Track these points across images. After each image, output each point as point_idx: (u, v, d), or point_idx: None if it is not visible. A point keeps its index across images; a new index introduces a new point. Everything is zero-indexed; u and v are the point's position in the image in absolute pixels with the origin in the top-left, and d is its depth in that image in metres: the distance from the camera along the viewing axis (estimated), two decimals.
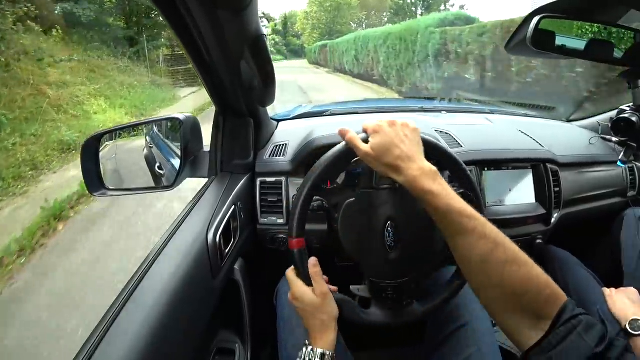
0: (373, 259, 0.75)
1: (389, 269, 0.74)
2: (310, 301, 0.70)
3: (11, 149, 5.14)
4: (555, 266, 1.18)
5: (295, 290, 0.72)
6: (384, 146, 0.64)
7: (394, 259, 0.73)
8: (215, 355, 0.83)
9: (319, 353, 0.67)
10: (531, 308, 0.53)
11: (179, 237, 0.75)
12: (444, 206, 0.59)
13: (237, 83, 0.85)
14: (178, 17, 0.65)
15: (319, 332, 0.69)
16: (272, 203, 1.04)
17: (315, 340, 0.69)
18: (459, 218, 0.58)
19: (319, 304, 0.70)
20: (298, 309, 0.72)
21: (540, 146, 1.23)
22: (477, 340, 0.80)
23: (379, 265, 0.75)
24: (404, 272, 0.75)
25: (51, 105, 6.72)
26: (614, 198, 1.35)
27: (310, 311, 0.70)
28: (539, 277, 0.54)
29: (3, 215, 3.98)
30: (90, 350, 0.50)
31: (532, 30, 0.87)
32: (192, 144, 0.97)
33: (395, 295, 0.75)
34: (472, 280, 0.60)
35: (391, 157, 0.63)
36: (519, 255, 0.55)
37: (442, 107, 1.62)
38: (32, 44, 7.67)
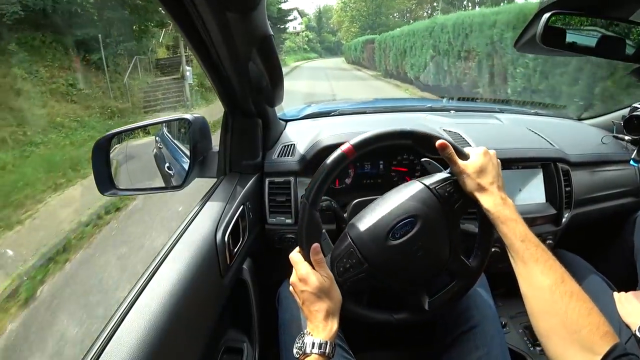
0: (376, 249, 0.71)
1: (390, 259, 0.70)
2: (317, 283, 0.67)
3: None
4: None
5: (302, 271, 0.69)
6: (482, 168, 0.69)
7: (395, 248, 0.70)
8: (223, 353, 0.84)
9: (321, 344, 0.64)
10: (586, 342, 0.54)
11: (188, 236, 0.75)
12: (523, 234, 0.64)
13: (245, 84, 0.86)
14: (186, 19, 0.66)
15: (322, 320, 0.66)
16: (280, 203, 1.05)
17: (317, 330, 0.65)
18: (534, 247, 0.63)
19: (326, 286, 0.67)
20: (301, 294, 0.68)
21: (550, 145, 1.21)
22: (486, 343, 0.80)
23: (381, 254, 0.71)
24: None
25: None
26: (626, 198, 1.33)
27: (316, 295, 0.66)
28: (599, 314, 0.57)
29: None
30: (101, 347, 0.51)
31: (542, 27, 0.86)
32: (200, 144, 0.97)
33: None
34: (534, 308, 0.61)
35: (486, 180, 0.69)
36: (581, 290, 0.59)
37: (451, 106, 1.61)
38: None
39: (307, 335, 0.65)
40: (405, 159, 1.17)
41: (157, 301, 0.59)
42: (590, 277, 1.11)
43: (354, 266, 0.70)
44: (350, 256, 0.70)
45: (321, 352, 0.63)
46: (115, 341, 0.52)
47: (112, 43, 10.09)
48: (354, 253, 0.70)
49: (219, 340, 0.85)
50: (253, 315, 0.91)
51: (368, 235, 0.70)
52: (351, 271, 0.70)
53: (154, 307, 0.58)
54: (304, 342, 0.64)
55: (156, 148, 1.15)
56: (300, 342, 0.65)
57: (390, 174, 1.18)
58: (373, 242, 0.69)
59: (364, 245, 0.70)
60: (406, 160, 1.17)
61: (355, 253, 0.70)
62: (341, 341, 0.85)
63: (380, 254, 0.69)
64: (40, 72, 7.85)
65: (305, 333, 0.66)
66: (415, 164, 1.17)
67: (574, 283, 0.59)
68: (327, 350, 0.63)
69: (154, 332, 0.55)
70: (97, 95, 8.87)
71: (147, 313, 0.57)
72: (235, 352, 0.85)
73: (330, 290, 0.67)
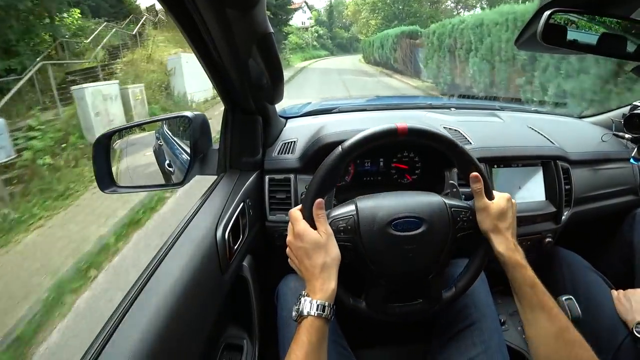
0: (374, 228, 0.71)
1: (382, 244, 0.70)
2: (313, 238, 0.66)
3: None
4: (563, 269, 1.16)
5: (298, 227, 0.68)
6: (503, 211, 0.72)
7: (390, 237, 0.70)
8: (223, 350, 0.84)
9: (318, 305, 0.62)
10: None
11: (189, 233, 0.76)
12: (532, 280, 0.66)
13: (245, 81, 0.86)
14: (186, 16, 0.66)
15: (319, 278, 0.64)
16: (280, 200, 1.05)
17: (314, 290, 0.64)
18: (542, 293, 0.65)
19: (323, 242, 0.66)
20: (297, 252, 0.67)
21: (550, 143, 1.21)
22: (484, 340, 0.80)
23: (375, 235, 0.70)
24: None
25: None
26: (626, 196, 1.33)
27: (312, 251, 0.65)
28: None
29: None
30: (102, 342, 0.51)
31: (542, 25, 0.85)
32: (201, 141, 0.97)
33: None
34: (539, 353, 0.64)
35: (504, 223, 0.71)
36: (583, 339, 0.62)
37: (451, 104, 1.61)
38: None
39: (304, 297, 0.63)
40: (405, 156, 1.17)
41: (157, 298, 0.59)
42: (588, 275, 1.12)
43: (346, 231, 0.70)
44: (348, 221, 0.71)
45: (319, 314, 0.61)
46: (117, 336, 0.52)
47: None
48: (352, 220, 0.71)
49: (219, 337, 0.85)
50: (253, 312, 0.91)
51: (373, 212, 0.71)
52: (341, 235, 0.70)
53: (154, 304, 0.58)
54: (302, 304, 0.63)
55: (157, 145, 1.16)
56: (298, 304, 0.64)
57: (390, 171, 1.18)
58: (374, 221, 0.70)
59: (366, 218, 0.70)
60: (406, 157, 1.17)
61: (354, 220, 0.70)
62: (339, 338, 0.85)
63: (375, 235, 0.70)
64: None
65: (303, 295, 0.64)
66: (416, 162, 1.18)
67: (577, 332, 0.62)
68: (325, 312, 0.62)
69: (155, 328, 0.55)
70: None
71: (148, 309, 0.57)
72: (235, 349, 0.85)
73: (327, 245, 0.66)
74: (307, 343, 0.59)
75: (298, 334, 0.61)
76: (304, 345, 0.59)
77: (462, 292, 0.76)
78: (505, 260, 0.69)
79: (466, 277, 0.76)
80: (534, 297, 0.65)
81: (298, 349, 0.59)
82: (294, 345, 0.60)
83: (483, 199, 0.73)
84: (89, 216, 4.14)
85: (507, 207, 0.73)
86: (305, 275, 0.66)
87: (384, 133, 0.72)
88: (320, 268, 0.65)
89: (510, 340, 1.08)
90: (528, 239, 1.14)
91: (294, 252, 0.68)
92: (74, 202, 4.62)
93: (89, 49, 10.55)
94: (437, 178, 1.11)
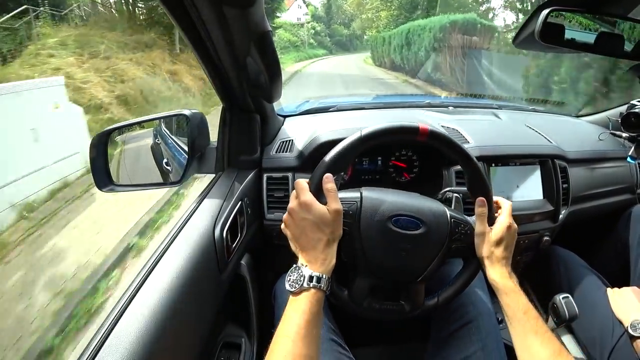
0: (374, 220, 0.71)
1: (377, 236, 0.70)
2: (321, 212, 0.63)
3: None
4: (559, 267, 1.17)
5: (305, 198, 0.65)
6: (501, 240, 0.72)
7: (388, 232, 0.70)
8: (221, 349, 0.84)
9: (319, 277, 0.61)
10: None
11: (186, 232, 0.75)
12: (525, 306, 0.66)
13: (243, 79, 0.85)
14: (184, 14, 0.65)
15: (322, 252, 0.63)
16: (278, 199, 1.05)
17: (316, 262, 0.62)
18: (534, 319, 0.65)
19: (329, 219, 0.64)
20: (300, 222, 0.65)
21: (548, 142, 1.22)
22: (482, 338, 0.80)
23: (374, 227, 0.70)
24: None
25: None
26: (623, 195, 1.34)
27: (316, 224, 0.63)
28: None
29: None
30: (100, 342, 0.51)
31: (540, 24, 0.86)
32: (198, 140, 0.97)
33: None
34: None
35: (499, 252, 0.71)
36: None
37: (449, 103, 1.61)
38: None
39: (304, 267, 0.62)
40: (403, 154, 1.17)
41: (155, 296, 0.59)
42: (584, 274, 1.12)
43: (346, 215, 0.69)
44: (350, 206, 0.70)
45: (319, 286, 0.61)
46: (114, 336, 0.52)
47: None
48: (355, 206, 0.70)
49: (217, 336, 0.85)
50: (251, 311, 0.91)
51: (376, 204, 0.71)
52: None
53: (152, 302, 0.58)
54: (301, 275, 0.61)
55: (154, 144, 1.15)
56: (295, 274, 0.62)
57: (388, 169, 1.18)
58: (376, 212, 0.70)
59: (368, 208, 0.70)
60: (404, 156, 1.18)
61: (356, 207, 0.70)
62: (337, 336, 0.85)
63: (373, 226, 0.70)
64: None
65: (301, 265, 0.63)
66: (414, 160, 1.18)
67: (570, 355, 0.62)
68: (323, 285, 0.61)
69: (153, 327, 0.55)
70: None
71: (146, 308, 0.57)
72: (233, 348, 0.85)
73: (334, 224, 0.65)
74: (309, 312, 0.59)
75: (297, 303, 0.60)
76: (305, 314, 0.58)
77: (444, 303, 0.75)
78: (499, 287, 0.69)
79: (451, 290, 0.76)
80: (527, 323, 0.65)
81: (298, 316, 0.58)
82: (293, 313, 0.59)
83: (484, 224, 0.73)
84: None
85: (507, 236, 0.73)
86: (306, 246, 0.64)
87: (405, 129, 0.72)
88: (324, 243, 0.64)
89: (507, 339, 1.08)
90: (526, 237, 1.14)
91: (296, 221, 0.66)
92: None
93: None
94: (434, 177, 1.11)
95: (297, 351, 0.55)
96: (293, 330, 0.57)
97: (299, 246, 0.66)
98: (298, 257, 0.66)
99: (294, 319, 0.58)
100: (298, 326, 0.57)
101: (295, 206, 0.66)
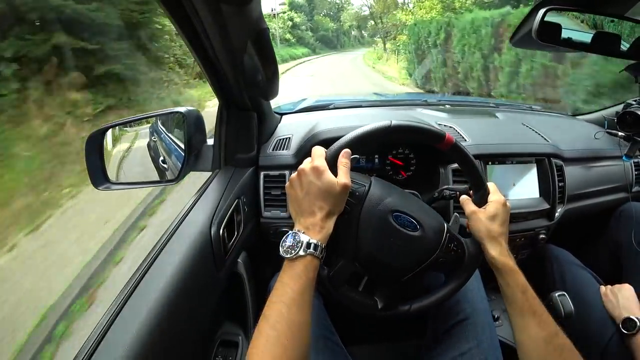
0: (376, 210, 0.70)
1: (375, 227, 0.70)
2: (330, 182, 0.62)
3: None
4: (553, 265, 1.17)
5: (319, 163, 0.64)
6: (496, 217, 0.72)
7: (386, 225, 0.69)
8: (219, 346, 0.84)
9: (315, 243, 0.60)
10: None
11: (183, 230, 0.75)
12: (524, 286, 0.66)
13: (240, 77, 0.85)
14: (181, 12, 0.65)
15: (321, 219, 0.62)
16: (275, 196, 1.05)
17: (314, 229, 0.61)
18: (533, 299, 0.65)
19: (336, 190, 0.63)
20: (307, 185, 0.63)
21: (545, 140, 1.22)
22: (477, 335, 0.81)
23: (374, 216, 0.70)
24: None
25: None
26: (619, 193, 1.35)
27: (322, 191, 0.62)
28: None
29: None
30: (97, 340, 0.51)
31: (537, 23, 0.86)
32: (195, 137, 0.97)
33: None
34: (528, 358, 0.64)
35: (496, 228, 0.71)
36: (571, 344, 0.63)
37: (446, 101, 1.61)
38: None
39: (301, 234, 0.60)
40: (400, 152, 1.18)
41: (152, 294, 0.59)
42: (577, 272, 1.13)
43: (351, 195, 0.68)
44: (358, 188, 0.70)
45: (315, 254, 0.60)
46: (112, 333, 0.52)
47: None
48: (363, 189, 0.70)
49: (214, 334, 0.85)
50: (248, 309, 0.91)
51: (383, 195, 0.71)
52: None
53: (149, 300, 0.58)
54: (299, 241, 0.60)
55: (150, 141, 1.15)
56: (291, 240, 0.60)
57: (385, 167, 1.18)
58: (380, 202, 0.70)
59: (374, 196, 0.70)
60: (401, 154, 1.18)
61: (363, 191, 0.70)
62: (331, 334, 0.86)
63: (374, 214, 0.69)
64: None
65: (298, 232, 0.61)
66: (411, 158, 1.18)
67: (565, 336, 0.63)
68: (319, 253, 0.60)
69: (150, 324, 0.55)
70: None
71: (143, 306, 0.57)
72: (230, 345, 0.85)
73: (339, 197, 0.64)
74: (305, 278, 0.58)
75: (292, 269, 0.59)
76: (301, 280, 0.57)
77: (414, 313, 0.75)
78: (499, 266, 0.69)
79: (425, 302, 0.75)
80: (525, 303, 0.65)
81: (294, 283, 0.57)
82: (288, 280, 0.58)
83: (472, 204, 0.75)
84: None
85: (501, 211, 0.73)
86: (306, 210, 0.63)
87: (432, 134, 0.72)
88: (325, 213, 0.63)
89: (503, 336, 1.09)
90: (522, 235, 1.14)
91: (303, 183, 0.64)
92: None
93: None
94: (431, 175, 1.11)
95: (292, 317, 0.55)
96: (288, 296, 0.56)
97: (299, 209, 0.65)
98: (295, 222, 0.65)
99: (289, 285, 0.57)
100: (293, 291, 0.56)
101: (307, 168, 0.64)
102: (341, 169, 0.65)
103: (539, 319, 0.63)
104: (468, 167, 0.75)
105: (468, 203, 0.76)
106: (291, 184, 0.67)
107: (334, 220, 0.64)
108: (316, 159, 0.65)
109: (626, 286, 1.00)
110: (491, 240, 0.71)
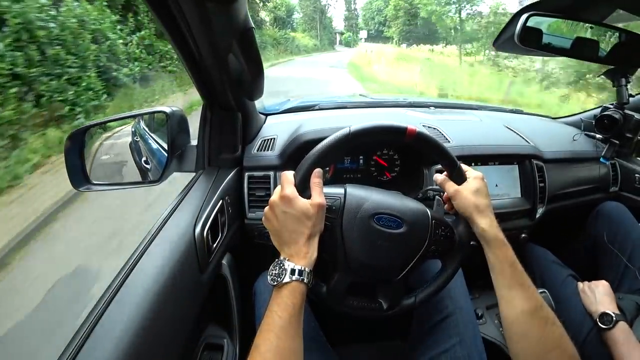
0: (356, 216, 0.70)
1: (357, 232, 0.70)
2: (302, 208, 0.63)
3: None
4: (532, 264, 1.20)
5: (288, 191, 0.64)
6: (479, 191, 0.72)
7: (369, 229, 0.70)
8: (203, 350, 0.83)
9: (302, 270, 0.60)
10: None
11: (166, 231, 0.74)
12: (512, 259, 0.67)
13: (225, 77, 0.84)
14: (166, 9, 0.64)
15: (302, 246, 0.62)
16: (259, 197, 1.04)
17: (299, 256, 0.62)
18: (520, 272, 0.66)
19: (311, 213, 0.63)
20: (280, 216, 0.64)
21: (526, 142, 1.25)
22: (460, 332, 0.82)
23: (355, 223, 0.70)
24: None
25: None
26: (597, 194, 1.39)
27: (297, 218, 0.63)
28: (568, 340, 0.63)
29: None
30: (77, 346, 0.49)
31: (520, 28, 0.88)
32: (178, 138, 0.95)
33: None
34: (513, 331, 0.65)
35: (482, 201, 0.71)
36: (555, 316, 0.64)
37: (431, 103, 1.63)
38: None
39: (286, 261, 0.61)
40: (385, 153, 1.18)
41: (135, 297, 0.58)
42: (556, 270, 1.16)
43: (329, 211, 0.69)
44: (334, 202, 0.70)
45: (301, 279, 0.60)
46: (93, 338, 0.51)
47: None
48: (339, 202, 0.70)
49: (198, 337, 0.84)
50: (233, 311, 0.90)
51: (360, 201, 0.71)
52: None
53: (132, 304, 0.57)
54: (283, 269, 0.61)
55: (133, 141, 1.12)
56: (277, 269, 0.62)
57: (370, 168, 1.19)
58: (359, 209, 0.70)
59: (351, 204, 0.70)
60: (386, 155, 1.18)
61: (340, 202, 0.70)
62: (319, 335, 0.85)
63: (355, 223, 0.69)
64: None
65: (283, 260, 0.62)
66: (395, 159, 1.19)
67: (549, 309, 0.64)
68: (305, 278, 0.61)
69: (133, 329, 0.54)
70: None
71: (126, 309, 0.55)
72: (215, 349, 0.84)
73: (316, 218, 0.64)
74: (292, 306, 0.59)
75: (279, 297, 0.60)
76: (288, 308, 0.58)
77: (420, 303, 0.76)
78: (489, 238, 0.69)
79: (427, 291, 0.76)
80: (514, 275, 0.66)
81: (282, 310, 0.58)
82: (276, 308, 0.58)
83: (452, 184, 0.74)
84: None
85: (482, 186, 0.73)
86: (287, 240, 0.64)
87: (393, 129, 0.72)
88: (306, 237, 0.63)
89: (486, 333, 1.11)
90: (504, 235, 1.16)
91: (277, 214, 0.65)
92: None
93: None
94: (415, 176, 1.12)
95: (282, 345, 0.55)
96: (277, 324, 0.57)
97: (280, 240, 0.65)
98: (280, 252, 0.65)
99: (277, 313, 0.58)
100: (282, 319, 0.57)
101: (277, 199, 0.65)
102: (314, 190, 0.67)
103: (526, 292, 0.64)
104: (437, 150, 0.74)
105: (448, 182, 0.75)
106: (267, 218, 0.67)
107: (316, 240, 0.65)
108: (284, 186, 0.65)
109: (602, 282, 1.04)
110: (480, 213, 0.71)
